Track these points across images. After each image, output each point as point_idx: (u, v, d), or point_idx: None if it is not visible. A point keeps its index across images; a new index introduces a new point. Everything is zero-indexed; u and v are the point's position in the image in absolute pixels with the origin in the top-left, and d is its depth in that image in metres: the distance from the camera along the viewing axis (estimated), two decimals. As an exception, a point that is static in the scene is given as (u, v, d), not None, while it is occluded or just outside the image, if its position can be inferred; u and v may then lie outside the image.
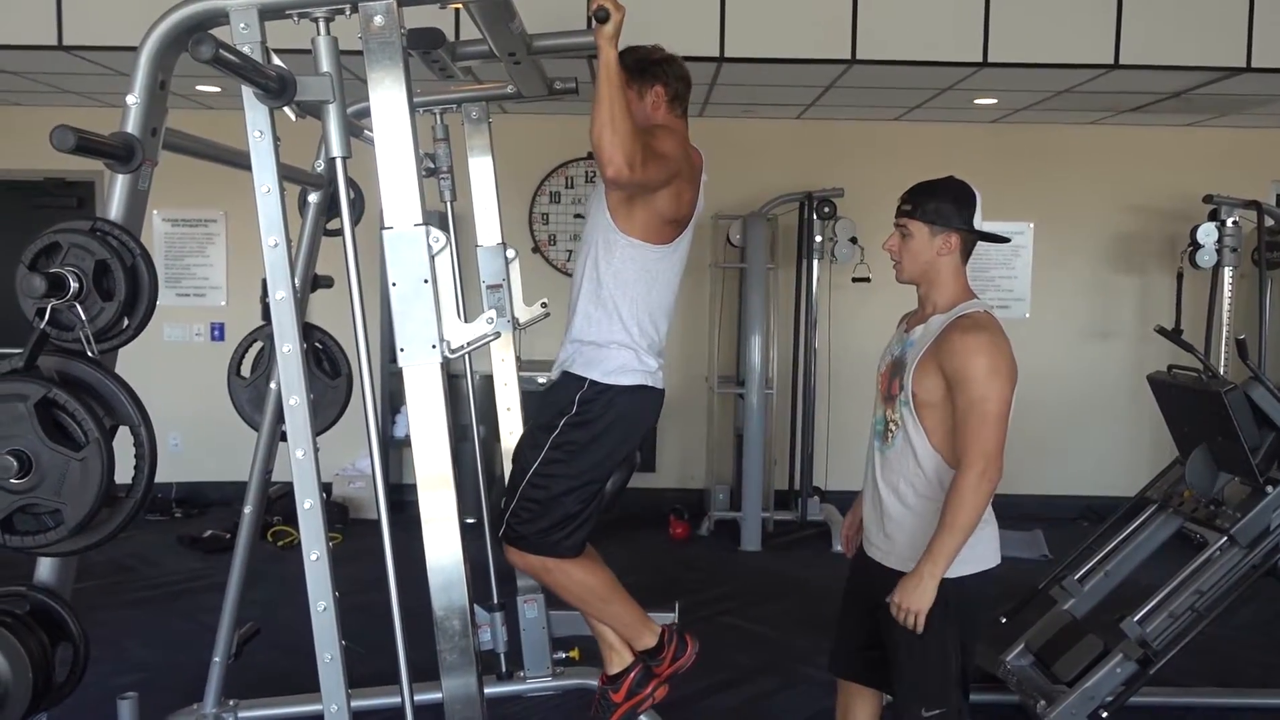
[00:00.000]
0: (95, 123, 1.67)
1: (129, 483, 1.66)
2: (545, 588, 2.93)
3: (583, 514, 2.69)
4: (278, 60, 1.77)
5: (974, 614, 2.37)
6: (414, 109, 1.79)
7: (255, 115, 1.78)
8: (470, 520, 2.91)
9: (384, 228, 1.79)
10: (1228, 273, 5.70)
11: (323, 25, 1.78)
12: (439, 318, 1.80)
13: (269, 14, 1.77)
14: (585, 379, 2.66)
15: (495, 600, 3.33)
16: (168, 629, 4.33)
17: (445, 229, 1.85)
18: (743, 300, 6.00)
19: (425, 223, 1.79)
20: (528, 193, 6.36)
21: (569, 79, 2.97)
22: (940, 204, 2.36)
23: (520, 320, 3.22)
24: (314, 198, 2.99)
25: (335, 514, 5.94)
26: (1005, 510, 6.32)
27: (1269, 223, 5.62)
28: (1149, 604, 3.25)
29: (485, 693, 1.93)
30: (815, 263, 6.04)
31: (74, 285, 1.63)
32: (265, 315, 3.12)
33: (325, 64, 1.76)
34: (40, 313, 1.63)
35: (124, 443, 1.65)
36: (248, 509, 3.09)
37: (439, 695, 1.90)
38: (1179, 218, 6.14)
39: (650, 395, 2.73)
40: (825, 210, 5.91)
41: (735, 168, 6.26)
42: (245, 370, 3.16)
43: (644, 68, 2.71)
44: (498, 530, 2.79)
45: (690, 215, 2.71)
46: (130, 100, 1.78)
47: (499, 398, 3.31)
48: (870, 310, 5.94)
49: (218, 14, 1.77)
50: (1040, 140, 6.32)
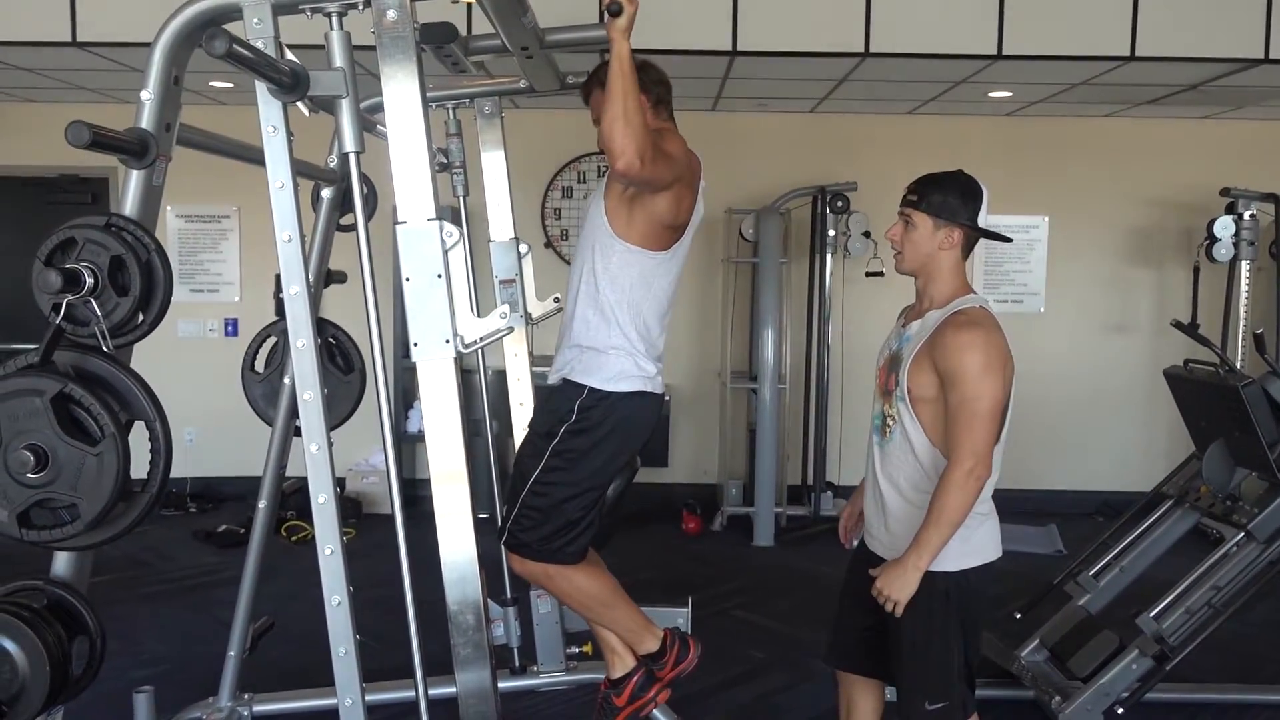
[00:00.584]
0: (109, 119, 1.68)
1: (144, 477, 1.66)
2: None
3: (584, 520, 2.69)
4: (291, 55, 1.77)
5: (975, 607, 2.38)
6: (427, 104, 1.79)
7: (269, 110, 1.79)
8: (483, 515, 2.91)
9: (397, 223, 1.80)
10: (1245, 266, 5.67)
11: (336, 20, 1.78)
12: (452, 313, 1.80)
13: (282, 9, 1.77)
14: (584, 386, 2.65)
15: (509, 595, 3.34)
16: (183, 623, 4.36)
17: (458, 224, 1.85)
18: (755, 295, 5.99)
19: (438, 218, 1.79)
20: (540, 188, 6.36)
21: (581, 73, 2.96)
22: (946, 197, 2.35)
23: (533, 315, 3.22)
24: (327, 193, 2.99)
25: (349, 509, 5.96)
26: (1020, 505, 6.27)
27: (1287, 216, 5.58)
28: (1165, 600, 3.23)
29: (499, 687, 1.93)
30: (828, 257, 6.02)
31: (89, 281, 1.64)
32: (279, 311, 3.12)
33: (338, 59, 1.77)
34: (56, 308, 1.63)
35: (139, 437, 1.65)
36: (262, 504, 3.10)
37: (453, 689, 1.91)
38: (1195, 211, 6.10)
39: (650, 401, 2.72)
40: (838, 204, 5.90)
41: (748, 162, 6.25)
42: (259, 365, 3.17)
43: None
44: (500, 536, 2.79)
45: (688, 221, 2.69)
46: (144, 96, 1.79)
47: (512, 393, 3.31)
48: (883, 305, 5.90)
49: (231, 9, 1.78)
50: (1055, 133, 6.28)
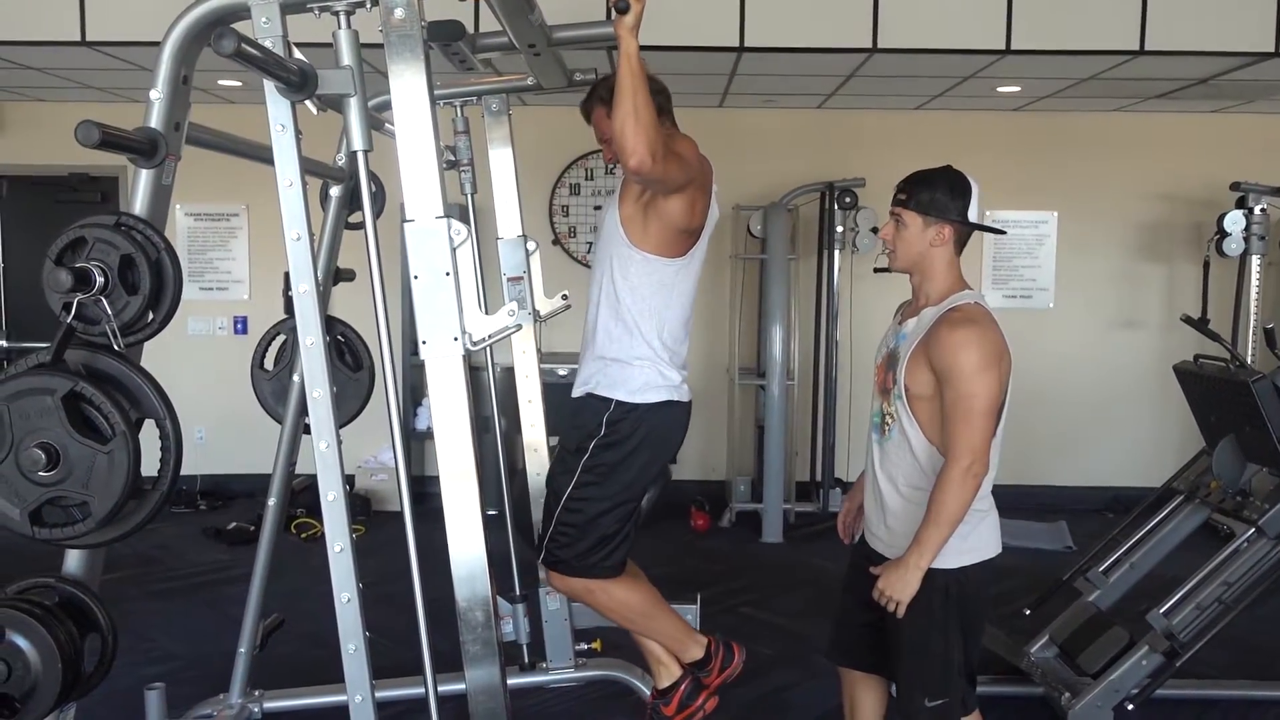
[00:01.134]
0: (118, 118, 1.68)
1: (155, 475, 1.67)
2: (589, 609, 2.92)
3: (620, 533, 2.69)
4: (299, 54, 1.78)
5: (976, 604, 2.38)
6: (435, 101, 1.79)
7: (277, 109, 1.79)
8: (492, 512, 2.91)
9: (406, 220, 1.80)
10: (1255, 261, 5.64)
11: (343, 19, 1.78)
12: (461, 310, 1.80)
13: (290, 8, 1.78)
14: (611, 400, 2.66)
15: (518, 591, 3.34)
16: (193, 620, 4.37)
17: (466, 222, 1.86)
18: (763, 291, 5.98)
19: (446, 215, 1.79)
20: (547, 185, 6.36)
21: (589, 70, 2.96)
22: (935, 194, 2.35)
23: (541, 312, 3.22)
24: (335, 191, 3.00)
25: (358, 506, 5.98)
26: (1029, 501, 6.26)
27: (1297, 210, 5.55)
28: (1175, 596, 3.22)
29: (508, 683, 1.94)
30: (836, 253, 6.01)
31: (99, 280, 1.64)
32: (288, 309, 3.13)
33: (346, 57, 1.77)
34: (67, 307, 1.64)
35: (149, 435, 1.66)
36: (272, 501, 3.11)
37: (462, 686, 1.91)
38: (1205, 205, 6.07)
39: (677, 409, 2.73)
40: (846, 200, 5.88)
41: (755, 158, 6.24)
42: (269, 363, 3.18)
43: None
44: (538, 554, 2.80)
45: (703, 224, 2.69)
46: (153, 95, 1.79)
47: (520, 390, 3.31)
48: (892, 301, 5.80)
49: (239, 8, 1.78)
50: (1064, 128, 6.26)
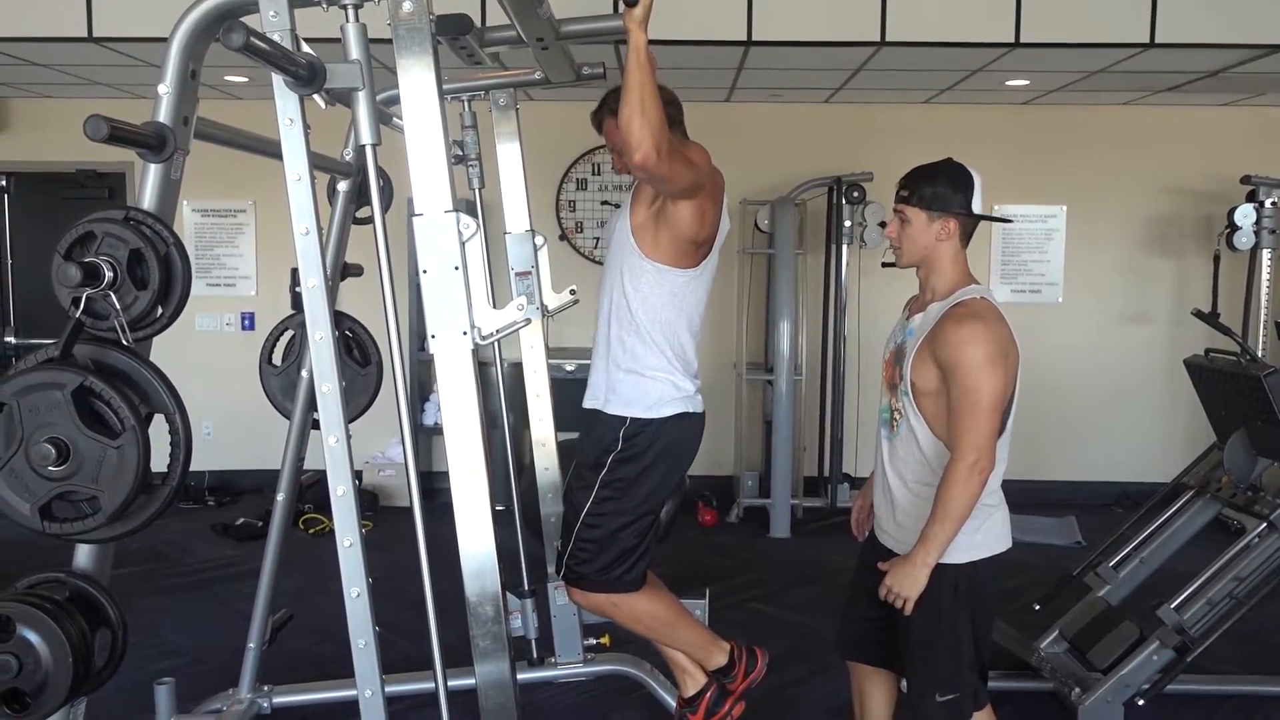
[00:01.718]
0: (125, 114, 1.68)
1: (164, 470, 1.67)
2: (613, 622, 2.92)
3: (640, 546, 2.70)
4: (307, 48, 1.77)
5: (986, 598, 2.38)
6: (443, 95, 1.79)
7: (285, 103, 1.79)
8: (500, 507, 2.91)
9: (414, 215, 1.79)
10: (1266, 255, 5.61)
11: (351, 12, 1.77)
12: (469, 304, 1.80)
13: (298, 2, 1.77)
14: (627, 416, 2.66)
15: (526, 586, 3.34)
16: (202, 615, 4.38)
17: (474, 216, 1.85)
18: (771, 286, 5.97)
19: (455, 209, 1.78)
20: (554, 180, 6.36)
21: (596, 64, 2.95)
22: (937, 188, 2.35)
23: (549, 307, 3.21)
24: (343, 186, 3.00)
25: (366, 502, 5.99)
26: (1038, 496, 6.22)
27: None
28: (1186, 591, 3.21)
29: (517, 678, 1.93)
30: (844, 248, 5.99)
31: (108, 274, 1.64)
32: (295, 304, 3.14)
33: (354, 51, 1.76)
34: (76, 302, 1.64)
35: (157, 430, 1.66)
36: (280, 496, 3.11)
37: (472, 680, 1.91)
38: (1216, 199, 6.04)
39: (693, 421, 2.73)
40: (854, 195, 5.87)
41: (763, 153, 6.22)
42: (277, 359, 3.19)
43: None
44: (558, 571, 2.81)
45: (714, 235, 2.69)
46: (162, 90, 1.79)
47: (528, 385, 3.31)
48: (900, 296, 5.77)
49: (247, 2, 1.78)
50: (1073, 121, 6.23)
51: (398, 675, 3.19)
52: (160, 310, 1.69)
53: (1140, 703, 3.22)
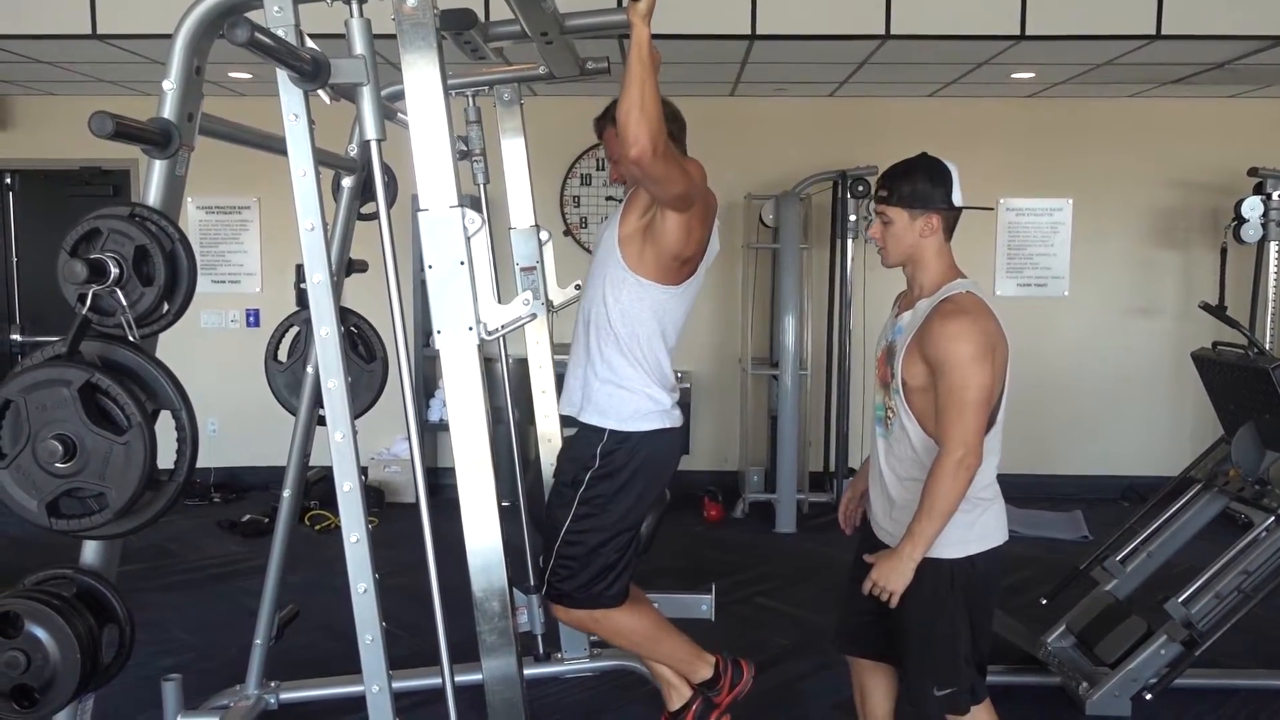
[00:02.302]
0: (129, 111, 1.68)
1: (170, 467, 1.67)
2: (596, 637, 2.92)
3: (621, 562, 2.69)
4: (311, 43, 1.77)
5: (984, 592, 2.38)
6: (448, 91, 1.78)
7: (290, 99, 1.78)
8: (505, 503, 2.91)
9: (420, 210, 1.79)
10: (1274, 247, 5.59)
11: (356, 7, 1.77)
12: (475, 300, 1.80)
13: (302, -3, 1.77)
14: (604, 430, 2.65)
15: (532, 582, 3.34)
16: (209, 612, 4.39)
17: (479, 212, 1.85)
18: (776, 281, 5.96)
19: (460, 205, 1.78)
20: (558, 175, 6.35)
21: (600, 59, 2.94)
22: (916, 186, 2.34)
23: (554, 302, 3.21)
24: (348, 182, 2.99)
25: (371, 498, 5.99)
26: (1045, 490, 6.21)
27: (1316, 195, 5.49)
28: (1194, 584, 3.21)
29: (524, 674, 1.93)
30: (849, 242, 5.98)
31: (114, 271, 1.64)
32: (300, 300, 3.13)
33: (359, 46, 1.76)
34: (82, 298, 1.64)
35: (163, 428, 1.66)
36: (286, 492, 3.11)
37: (477, 676, 1.91)
38: (1223, 191, 6.02)
39: (670, 435, 2.72)
40: (859, 189, 5.85)
41: (767, 147, 6.21)
42: (282, 355, 3.19)
43: None
44: (540, 588, 2.80)
45: (699, 255, 2.67)
46: (166, 86, 1.79)
47: (534, 380, 3.31)
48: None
49: (252, -2, 1.77)
50: (1079, 114, 6.21)
51: (404, 671, 3.18)
52: (166, 306, 1.69)
53: (1148, 697, 3.21)
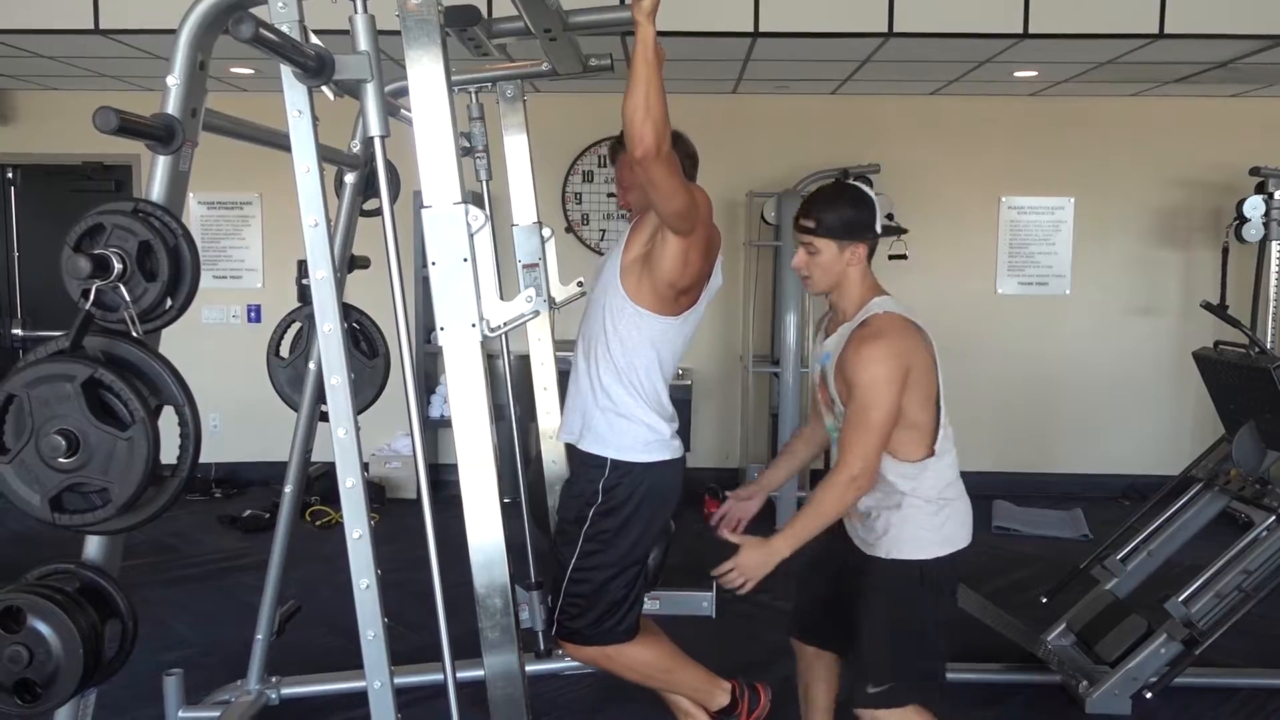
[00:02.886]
0: (132, 106, 1.68)
1: (172, 462, 1.67)
2: (610, 674, 2.87)
3: (630, 596, 2.68)
4: (315, 40, 1.77)
5: (943, 594, 2.40)
6: (452, 87, 1.78)
7: (294, 94, 1.78)
8: (507, 500, 2.92)
9: (423, 207, 1.79)
10: (1275, 246, 5.59)
11: (360, 4, 1.77)
12: (478, 296, 1.80)
13: (306, -8, 1.77)
14: (605, 461, 2.63)
15: (533, 579, 3.34)
16: (210, 607, 4.40)
17: (481, 209, 1.85)
18: (777, 278, 5.96)
19: (463, 201, 1.78)
20: (560, 172, 6.35)
21: (604, 56, 2.94)
22: (842, 215, 2.39)
23: (557, 300, 3.21)
24: (350, 178, 3.00)
25: (373, 494, 5.98)
26: (1046, 489, 6.21)
27: (1318, 195, 5.49)
28: (1194, 584, 3.21)
29: (526, 670, 1.94)
30: (850, 240, 5.96)
31: (118, 266, 1.64)
32: (302, 296, 3.13)
33: (363, 42, 1.75)
34: (85, 294, 1.64)
35: (166, 423, 1.66)
36: (288, 488, 3.11)
37: (478, 672, 1.91)
38: (1224, 191, 6.02)
39: (672, 466, 2.70)
40: (861, 187, 5.84)
41: (769, 144, 6.20)
42: (284, 351, 3.19)
43: None
44: (550, 627, 2.77)
45: (699, 287, 2.66)
46: (170, 81, 1.79)
47: (536, 377, 3.30)
48: (907, 288, 5.78)
49: (255, -7, 1.77)
50: (1081, 113, 6.20)
51: (406, 666, 3.19)
52: (169, 302, 1.69)
53: (1148, 695, 3.22)
